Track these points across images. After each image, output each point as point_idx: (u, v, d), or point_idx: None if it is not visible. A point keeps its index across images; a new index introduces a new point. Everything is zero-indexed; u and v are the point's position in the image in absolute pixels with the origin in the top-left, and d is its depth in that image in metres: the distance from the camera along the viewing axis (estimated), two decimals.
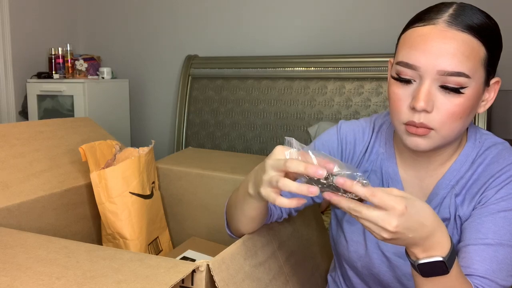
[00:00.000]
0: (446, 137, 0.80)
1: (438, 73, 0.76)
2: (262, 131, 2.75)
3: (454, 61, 0.75)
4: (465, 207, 0.85)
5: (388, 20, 2.55)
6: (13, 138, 1.22)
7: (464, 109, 0.78)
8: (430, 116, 0.78)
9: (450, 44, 0.75)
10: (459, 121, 0.78)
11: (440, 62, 0.75)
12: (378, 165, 0.94)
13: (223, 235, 1.39)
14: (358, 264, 0.95)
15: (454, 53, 0.75)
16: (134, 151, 1.30)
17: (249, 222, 0.88)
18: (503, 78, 2.49)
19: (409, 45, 0.79)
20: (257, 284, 0.84)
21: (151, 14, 3.23)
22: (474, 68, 0.76)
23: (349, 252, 0.95)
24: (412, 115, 0.79)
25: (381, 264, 0.91)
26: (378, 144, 0.95)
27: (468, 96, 0.77)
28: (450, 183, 0.87)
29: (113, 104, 3.06)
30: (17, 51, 3.01)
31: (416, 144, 0.80)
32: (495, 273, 0.75)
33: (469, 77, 0.76)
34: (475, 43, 0.76)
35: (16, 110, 3.06)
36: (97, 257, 0.76)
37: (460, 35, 0.76)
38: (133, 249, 1.22)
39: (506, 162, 0.83)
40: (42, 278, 0.69)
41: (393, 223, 0.63)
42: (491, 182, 0.83)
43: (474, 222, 0.81)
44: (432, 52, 0.76)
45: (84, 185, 1.25)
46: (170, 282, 0.67)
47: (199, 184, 1.41)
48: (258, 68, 2.77)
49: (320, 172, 0.63)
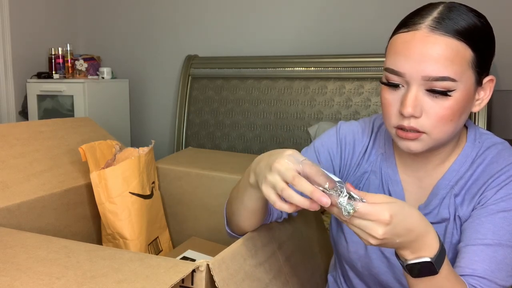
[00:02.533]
0: (439, 139, 0.80)
1: (423, 79, 0.76)
2: (262, 131, 2.75)
3: (437, 66, 0.75)
4: (464, 208, 0.85)
5: (388, 20, 2.54)
6: (13, 138, 1.22)
7: (453, 112, 0.77)
8: (420, 121, 0.78)
9: (433, 49, 0.75)
10: (450, 124, 0.78)
11: (423, 68, 0.75)
12: (377, 165, 0.94)
13: (223, 235, 1.38)
14: (358, 265, 0.95)
15: (437, 58, 0.75)
16: (134, 151, 1.30)
17: (249, 216, 0.88)
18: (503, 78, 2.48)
19: (393, 52, 0.79)
20: (257, 284, 0.84)
21: (151, 14, 3.23)
22: (461, 71, 0.76)
23: (349, 252, 0.95)
24: (402, 119, 0.79)
25: (380, 265, 0.91)
26: (377, 145, 0.95)
27: (457, 98, 0.77)
28: (450, 183, 0.87)
29: (113, 104, 3.06)
30: (17, 51, 3.01)
31: (408, 147, 0.81)
32: (494, 273, 0.75)
33: (455, 80, 0.75)
34: (460, 46, 0.76)
35: (16, 110, 3.06)
36: (97, 257, 0.76)
37: (443, 40, 0.75)
38: (133, 249, 1.22)
39: (505, 162, 0.83)
40: (42, 278, 0.69)
41: (379, 231, 0.64)
42: (491, 183, 0.82)
43: (474, 222, 0.81)
44: (415, 58, 0.76)
45: (84, 185, 1.25)
46: (170, 282, 0.67)
47: (199, 184, 1.41)
48: (258, 68, 2.77)
49: (325, 200, 0.64)
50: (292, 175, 0.68)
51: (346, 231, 0.96)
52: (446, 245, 0.86)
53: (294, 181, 0.67)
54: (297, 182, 0.67)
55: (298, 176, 0.68)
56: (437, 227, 0.86)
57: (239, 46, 2.98)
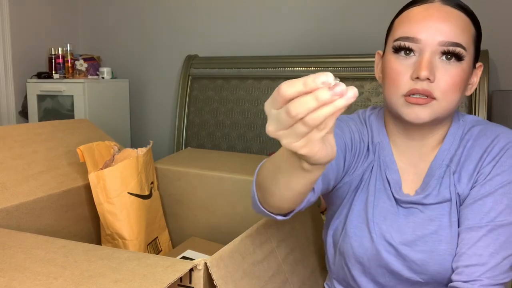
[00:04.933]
0: (446, 108, 0.82)
1: (439, 44, 0.79)
2: (262, 131, 2.75)
3: (453, 33, 0.80)
4: (463, 185, 0.86)
5: (388, 20, 2.54)
6: (11, 140, 1.22)
7: (462, 80, 0.81)
8: (432, 85, 0.80)
9: (450, 17, 0.80)
10: (457, 93, 0.82)
11: (440, 33, 0.79)
12: (377, 155, 0.94)
13: (223, 235, 1.39)
14: (365, 258, 0.92)
15: (453, 25, 0.80)
16: (132, 151, 1.30)
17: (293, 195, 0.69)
18: (503, 78, 2.49)
19: (407, 22, 0.83)
20: (256, 282, 0.85)
21: (151, 14, 3.23)
22: (469, 43, 0.81)
23: (353, 247, 0.93)
24: (414, 84, 0.81)
25: (388, 255, 0.90)
26: (376, 134, 0.96)
27: (464, 68, 0.81)
28: (444, 162, 0.88)
29: (113, 104, 3.06)
30: (17, 51, 3.01)
31: (416, 114, 0.81)
32: (499, 255, 0.78)
33: (466, 49, 0.80)
34: (467, 20, 0.82)
35: (16, 110, 3.06)
36: (95, 256, 0.76)
37: (455, 11, 0.82)
38: (132, 249, 1.22)
39: (493, 134, 0.86)
40: (39, 278, 0.69)
41: None
42: (486, 157, 0.84)
43: (475, 203, 0.83)
44: (432, 24, 0.80)
45: (82, 186, 1.25)
46: (167, 281, 0.67)
47: (198, 184, 1.41)
48: (258, 68, 2.77)
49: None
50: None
51: (349, 226, 0.93)
52: (452, 222, 0.86)
53: (281, 90, 0.48)
54: (284, 87, 0.48)
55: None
56: (440, 207, 0.87)
57: (239, 46, 2.98)
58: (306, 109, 0.45)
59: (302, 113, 0.46)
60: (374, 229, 0.90)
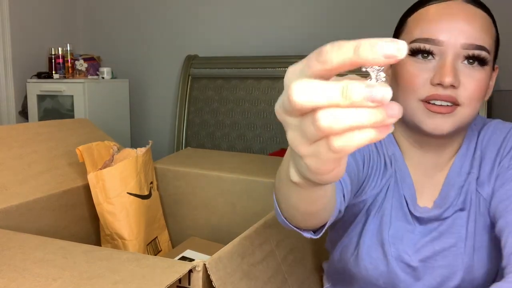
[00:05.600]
0: (470, 115, 0.75)
1: (462, 47, 0.72)
2: (262, 131, 2.75)
3: (477, 34, 0.72)
4: (486, 187, 0.81)
5: (388, 20, 2.54)
6: (11, 140, 1.22)
7: (486, 85, 0.75)
8: (456, 91, 0.73)
9: (474, 18, 0.73)
10: (481, 99, 0.75)
11: (464, 35, 0.72)
12: (393, 168, 0.87)
13: (223, 235, 1.39)
14: (380, 282, 0.86)
15: (477, 26, 0.73)
16: (131, 151, 1.30)
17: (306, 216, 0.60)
18: (503, 78, 2.48)
19: (426, 21, 0.75)
20: (255, 283, 0.84)
21: (151, 14, 3.23)
22: (491, 46, 0.75)
23: (367, 270, 0.86)
24: (434, 89, 0.73)
25: (406, 277, 0.84)
26: (388, 145, 0.88)
27: (487, 73, 0.75)
28: (463, 170, 0.83)
29: (113, 104, 3.06)
30: (17, 51, 3.02)
31: (437, 125, 0.74)
32: None
33: (489, 53, 0.74)
34: (490, 21, 0.75)
35: (16, 110, 3.06)
36: (94, 257, 0.76)
37: (478, 11, 0.74)
38: (132, 249, 1.22)
39: (506, 129, 0.83)
40: (38, 279, 0.69)
41: None
42: (502, 152, 0.80)
43: (507, 200, 0.74)
44: (454, 25, 0.72)
45: (82, 186, 1.25)
46: (166, 282, 0.67)
47: (198, 184, 1.41)
48: (258, 68, 2.77)
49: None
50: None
51: (362, 248, 0.87)
52: (469, 233, 0.81)
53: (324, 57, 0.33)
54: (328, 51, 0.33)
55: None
56: (458, 217, 0.82)
57: (239, 46, 2.98)
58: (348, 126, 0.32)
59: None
60: (390, 250, 0.84)
